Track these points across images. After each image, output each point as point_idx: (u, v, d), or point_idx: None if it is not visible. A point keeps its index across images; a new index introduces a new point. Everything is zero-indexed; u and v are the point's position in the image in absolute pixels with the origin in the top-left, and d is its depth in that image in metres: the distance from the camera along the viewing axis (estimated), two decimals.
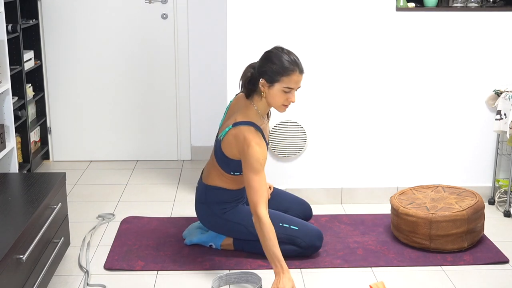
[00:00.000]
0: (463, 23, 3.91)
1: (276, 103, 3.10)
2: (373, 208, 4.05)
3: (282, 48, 3.11)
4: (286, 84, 3.04)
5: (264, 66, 3.06)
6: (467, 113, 4.05)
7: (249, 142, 3.03)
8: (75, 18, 4.76)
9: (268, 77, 3.05)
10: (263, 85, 3.08)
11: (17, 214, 2.75)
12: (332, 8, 3.85)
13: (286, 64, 3.03)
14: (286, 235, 3.27)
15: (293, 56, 3.07)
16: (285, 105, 3.12)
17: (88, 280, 3.11)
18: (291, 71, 3.03)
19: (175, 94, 4.93)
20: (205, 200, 3.32)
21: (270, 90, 3.08)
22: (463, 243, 3.40)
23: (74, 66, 4.85)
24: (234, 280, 3.12)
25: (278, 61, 3.04)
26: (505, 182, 4.10)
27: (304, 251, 3.30)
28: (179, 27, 4.81)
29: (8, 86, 3.79)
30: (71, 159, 5.02)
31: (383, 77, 3.97)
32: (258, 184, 3.02)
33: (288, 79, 3.03)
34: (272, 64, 3.04)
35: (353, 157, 4.09)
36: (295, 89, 3.08)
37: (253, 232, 3.27)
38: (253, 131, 3.07)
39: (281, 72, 3.03)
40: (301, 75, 3.07)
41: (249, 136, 3.04)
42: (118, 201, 4.17)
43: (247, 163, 3.04)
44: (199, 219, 3.41)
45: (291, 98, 3.08)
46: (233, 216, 3.30)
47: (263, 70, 3.07)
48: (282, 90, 3.06)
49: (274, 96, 3.08)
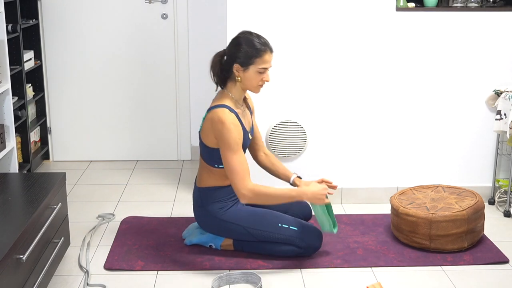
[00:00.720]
0: (463, 23, 3.91)
1: (252, 85, 3.20)
2: (373, 208, 4.05)
3: (250, 31, 3.22)
4: (260, 65, 3.14)
5: (236, 51, 3.16)
6: (467, 113, 4.06)
7: (223, 121, 3.11)
8: (75, 18, 4.76)
9: (242, 61, 3.15)
10: (238, 70, 3.17)
11: (17, 214, 2.75)
12: (332, 8, 3.85)
13: (258, 45, 3.13)
14: (285, 235, 3.27)
15: (262, 38, 3.19)
16: (261, 85, 3.22)
17: (88, 280, 3.11)
18: (263, 51, 3.13)
19: (175, 94, 4.93)
20: (201, 203, 3.33)
21: (245, 74, 3.17)
22: (463, 243, 3.40)
23: (74, 66, 4.85)
24: (234, 280, 3.12)
25: (249, 44, 3.14)
26: (505, 182, 4.10)
27: (304, 251, 3.30)
28: (179, 27, 4.81)
29: (8, 86, 3.79)
30: (71, 159, 5.02)
31: (383, 77, 3.97)
32: (238, 164, 3.10)
33: (261, 60, 3.14)
34: (244, 48, 3.14)
35: (353, 157, 4.09)
36: (268, 69, 3.18)
37: (252, 233, 3.28)
38: (227, 112, 3.14)
39: (254, 54, 3.13)
40: (271, 54, 3.18)
41: (223, 116, 3.12)
42: (118, 201, 4.17)
43: (223, 143, 3.11)
44: (198, 223, 3.42)
45: (265, 78, 3.18)
46: (231, 217, 3.30)
47: (236, 55, 3.16)
48: (257, 72, 3.15)
49: (249, 79, 3.17)
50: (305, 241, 3.28)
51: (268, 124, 4.00)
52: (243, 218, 3.29)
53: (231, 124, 3.11)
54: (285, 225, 3.28)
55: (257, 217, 3.29)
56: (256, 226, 3.28)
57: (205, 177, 3.32)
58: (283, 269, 3.23)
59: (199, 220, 3.39)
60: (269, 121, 3.99)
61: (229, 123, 3.10)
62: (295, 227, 3.29)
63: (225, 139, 3.10)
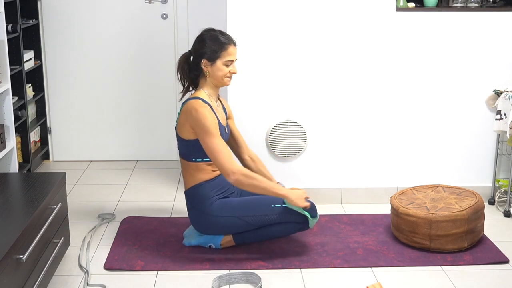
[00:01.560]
0: (463, 23, 3.91)
1: (220, 78, 3.31)
2: (373, 208, 4.05)
3: (213, 28, 3.35)
4: (226, 58, 3.28)
5: (202, 48, 3.29)
6: (467, 113, 4.06)
7: (197, 108, 3.21)
8: (75, 18, 4.76)
9: (209, 56, 3.27)
10: (205, 65, 3.30)
11: (17, 214, 2.75)
12: (332, 8, 3.85)
13: (222, 39, 3.28)
14: (281, 214, 3.28)
15: (225, 33, 3.33)
16: (229, 77, 3.33)
17: (88, 280, 3.11)
18: (227, 44, 3.28)
19: (175, 94, 4.93)
20: (191, 205, 3.36)
21: (213, 67, 3.29)
22: (463, 243, 3.40)
23: (74, 66, 4.85)
24: (234, 280, 3.12)
25: (213, 39, 3.29)
26: (505, 182, 4.10)
27: (304, 225, 3.32)
28: (179, 27, 4.81)
29: (8, 86, 3.79)
30: (71, 159, 5.02)
31: (383, 77, 3.97)
32: (220, 146, 3.19)
33: (226, 53, 3.28)
34: (209, 43, 3.28)
35: (353, 157, 4.09)
36: (234, 61, 3.31)
37: (248, 221, 3.29)
38: (201, 102, 3.24)
39: (219, 48, 3.26)
40: (235, 47, 3.33)
41: (197, 105, 3.23)
42: (118, 201, 4.17)
43: (201, 129, 3.19)
44: (194, 227, 3.42)
45: (233, 70, 3.32)
46: (222, 210, 3.30)
47: (202, 52, 3.29)
48: (224, 64, 3.29)
49: (217, 72, 3.29)
50: (300, 214, 3.28)
51: (268, 124, 4.00)
52: (235, 209, 3.30)
53: (206, 111, 3.21)
54: (277, 204, 3.29)
55: (249, 204, 3.31)
56: (250, 212, 3.29)
57: (187, 177, 3.36)
58: (283, 269, 3.24)
59: (194, 223, 3.40)
60: (269, 121, 3.99)
61: (203, 109, 3.21)
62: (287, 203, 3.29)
63: (202, 125, 3.19)
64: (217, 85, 3.34)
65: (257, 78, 3.93)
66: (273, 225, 3.32)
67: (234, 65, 3.33)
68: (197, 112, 3.20)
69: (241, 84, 3.92)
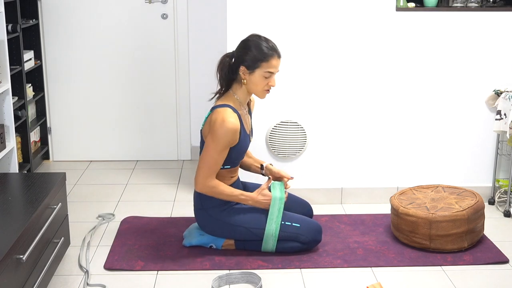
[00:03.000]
0: (463, 23, 3.91)
1: (258, 89, 3.21)
2: (373, 208, 4.05)
3: (259, 35, 3.22)
4: (266, 69, 3.16)
5: (244, 54, 3.17)
6: (467, 113, 4.06)
7: (224, 121, 3.12)
8: (75, 18, 4.77)
9: (248, 64, 3.16)
10: (244, 72, 3.18)
11: (17, 214, 2.75)
12: (332, 8, 3.85)
13: (265, 50, 3.15)
14: (289, 232, 3.31)
15: (270, 43, 3.20)
16: (266, 90, 3.22)
17: (88, 280, 3.11)
18: (270, 56, 3.15)
19: (175, 94, 4.93)
20: (202, 206, 3.34)
21: (251, 77, 3.18)
22: (463, 243, 3.40)
23: (74, 66, 4.85)
24: (234, 280, 3.12)
25: (257, 47, 3.16)
26: (505, 182, 4.10)
27: (306, 246, 3.35)
28: (179, 27, 4.81)
29: (8, 86, 3.79)
30: (71, 159, 5.02)
31: (383, 77, 3.97)
32: (213, 161, 3.17)
33: (267, 64, 3.15)
34: (251, 51, 3.16)
35: (353, 157, 4.09)
36: (274, 74, 3.19)
37: (255, 233, 3.29)
38: (230, 111, 3.16)
39: (260, 58, 3.15)
40: (279, 59, 3.20)
41: (225, 116, 3.13)
42: (118, 201, 4.17)
43: (213, 138, 3.13)
44: (200, 226, 3.42)
45: (271, 83, 3.20)
46: (232, 218, 3.31)
47: (243, 58, 3.17)
48: (263, 76, 3.17)
49: (255, 82, 3.19)
50: (307, 237, 3.32)
51: (268, 124, 4.00)
52: (246, 220, 3.30)
53: (231, 130, 3.12)
54: (288, 222, 3.31)
55: (259, 217, 3.31)
56: (258, 225, 3.29)
57: None
58: (283, 269, 3.24)
59: (201, 223, 3.39)
60: (269, 121, 3.99)
61: (229, 127, 3.11)
62: (298, 223, 3.32)
63: (218, 136, 3.13)
64: (251, 94, 3.26)
65: None
66: (277, 241, 3.33)
67: (274, 78, 3.20)
68: (221, 125, 3.10)
69: None
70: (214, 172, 3.21)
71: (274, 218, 3.29)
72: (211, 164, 3.18)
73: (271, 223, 3.29)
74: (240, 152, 3.29)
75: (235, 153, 3.26)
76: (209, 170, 3.19)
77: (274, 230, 3.29)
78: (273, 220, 3.29)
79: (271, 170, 3.48)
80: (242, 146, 3.27)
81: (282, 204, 3.30)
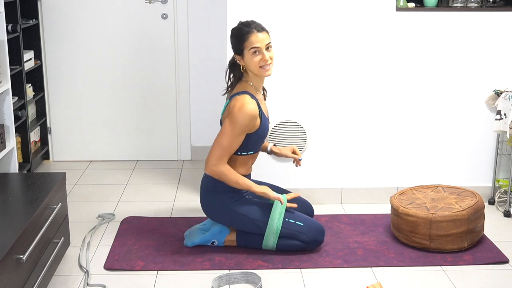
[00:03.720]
0: (463, 23, 3.91)
1: (254, 68, 3.26)
2: (373, 208, 4.05)
3: (240, 21, 3.31)
4: (249, 47, 3.22)
5: (231, 45, 3.31)
6: (467, 113, 4.05)
7: (243, 106, 3.19)
8: (75, 18, 4.76)
9: (236, 50, 3.28)
10: (239, 60, 3.30)
11: (17, 214, 2.75)
12: (332, 8, 3.85)
13: (242, 31, 3.24)
14: (291, 230, 3.32)
15: (248, 22, 3.27)
16: (263, 67, 3.25)
17: (88, 280, 3.11)
18: (247, 33, 3.22)
19: (175, 94, 4.93)
20: (213, 188, 3.34)
21: (245, 60, 3.27)
22: (463, 243, 3.40)
23: (74, 66, 4.85)
24: (234, 280, 3.12)
25: (235, 33, 3.28)
26: (505, 182, 4.10)
27: (307, 245, 3.35)
28: (179, 27, 4.81)
29: (8, 86, 3.79)
30: (71, 159, 5.02)
31: (383, 77, 3.97)
32: (228, 143, 3.22)
33: (248, 43, 3.22)
34: (232, 38, 3.29)
35: (353, 157, 4.09)
36: (263, 48, 3.22)
37: (259, 226, 3.30)
38: (248, 98, 3.24)
39: (241, 40, 3.24)
40: (260, 33, 3.23)
41: (244, 101, 3.21)
42: (118, 201, 4.17)
43: (231, 122, 3.20)
44: (204, 208, 3.42)
45: (264, 57, 3.22)
46: (240, 207, 3.33)
47: (232, 48, 3.31)
48: (251, 54, 3.22)
49: (249, 63, 3.26)
50: (309, 236, 3.33)
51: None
52: (252, 211, 3.32)
53: (249, 115, 3.19)
54: (291, 220, 3.33)
55: (266, 211, 3.32)
56: (263, 218, 3.30)
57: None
58: (283, 269, 3.24)
59: (206, 205, 3.39)
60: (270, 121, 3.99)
61: (247, 112, 3.18)
62: (301, 222, 3.34)
63: (236, 120, 3.19)
64: (257, 75, 3.30)
65: None
66: (279, 238, 3.33)
67: (265, 51, 3.22)
68: (240, 109, 3.18)
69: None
70: (227, 156, 3.24)
71: (277, 215, 3.29)
72: (225, 146, 3.21)
73: (274, 218, 3.29)
74: (262, 136, 3.35)
75: (257, 138, 3.32)
76: (222, 153, 3.22)
77: (276, 226, 3.29)
78: (275, 215, 3.29)
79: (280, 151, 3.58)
80: (264, 130, 3.33)
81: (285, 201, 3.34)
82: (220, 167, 3.24)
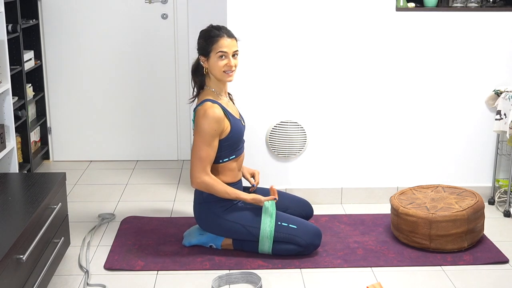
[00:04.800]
0: (463, 23, 3.91)
1: (218, 71, 3.26)
2: (373, 208, 4.05)
3: (211, 24, 3.33)
4: (217, 50, 3.22)
5: (198, 45, 3.31)
6: (467, 113, 4.06)
7: (204, 110, 3.20)
8: (75, 18, 4.76)
9: (202, 51, 3.27)
10: (203, 62, 3.29)
11: (17, 214, 2.75)
12: (332, 8, 3.85)
13: (212, 33, 3.25)
14: (286, 234, 3.28)
15: (220, 27, 3.29)
16: (226, 72, 3.26)
17: (88, 280, 3.11)
18: (218, 36, 3.23)
19: (175, 94, 4.93)
20: (203, 199, 3.33)
21: (209, 62, 3.27)
22: (463, 243, 3.40)
23: (74, 66, 4.85)
24: (234, 280, 3.12)
25: (205, 34, 3.28)
26: (505, 182, 4.11)
27: (304, 249, 3.31)
28: (179, 27, 4.81)
29: (8, 86, 3.79)
30: (71, 159, 5.02)
31: (383, 77, 3.97)
32: (205, 154, 3.21)
33: (217, 46, 3.22)
34: (201, 39, 3.29)
35: (353, 157, 4.09)
36: (230, 54, 3.24)
37: (252, 232, 3.28)
38: (209, 104, 3.23)
39: (210, 42, 3.24)
40: (229, 38, 3.25)
41: (206, 108, 3.21)
42: (118, 201, 4.17)
43: (198, 132, 3.21)
44: (197, 221, 3.41)
45: (229, 63, 3.24)
46: (232, 214, 3.31)
47: (198, 48, 3.31)
48: (218, 58, 3.23)
49: (214, 66, 3.26)
50: (304, 240, 3.29)
51: (268, 124, 4.00)
52: (244, 216, 3.30)
53: (213, 118, 3.19)
54: (284, 223, 3.29)
55: (257, 216, 3.30)
56: (255, 224, 3.28)
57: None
58: (283, 269, 3.24)
59: (199, 218, 3.39)
60: (269, 121, 4.00)
61: (211, 115, 3.19)
62: (294, 225, 3.30)
63: (202, 127, 3.20)
64: (219, 80, 3.31)
65: (257, 78, 3.93)
66: (275, 242, 3.31)
67: (231, 58, 3.24)
68: (203, 117, 3.18)
69: (241, 84, 3.92)
70: (208, 166, 3.23)
71: (268, 217, 3.29)
72: (203, 157, 3.21)
73: (265, 222, 3.29)
74: (237, 137, 3.33)
75: (233, 140, 3.30)
76: (202, 164, 3.22)
77: (269, 230, 3.28)
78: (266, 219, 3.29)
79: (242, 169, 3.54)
80: (236, 130, 3.31)
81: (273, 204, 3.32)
82: (205, 179, 3.23)
